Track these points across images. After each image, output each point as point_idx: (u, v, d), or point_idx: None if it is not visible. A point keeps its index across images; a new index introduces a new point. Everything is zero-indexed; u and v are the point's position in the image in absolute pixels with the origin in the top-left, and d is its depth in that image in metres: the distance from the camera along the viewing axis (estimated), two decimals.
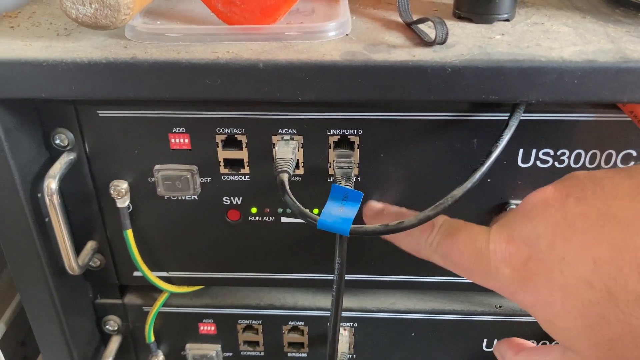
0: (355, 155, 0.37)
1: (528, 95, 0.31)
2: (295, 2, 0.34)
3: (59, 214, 0.36)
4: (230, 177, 0.38)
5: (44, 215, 0.38)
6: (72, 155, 0.37)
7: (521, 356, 0.34)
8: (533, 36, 0.33)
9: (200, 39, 0.33)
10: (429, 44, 0.32)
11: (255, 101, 0.34)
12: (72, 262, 0.38)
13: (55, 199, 0.36)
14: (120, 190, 0.38)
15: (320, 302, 0.45)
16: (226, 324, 0.46)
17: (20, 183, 0.35)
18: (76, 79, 0.31)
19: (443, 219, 0.33)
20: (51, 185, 0.35)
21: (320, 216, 0.32)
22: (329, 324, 0.36)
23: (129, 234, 0.40)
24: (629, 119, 0.34)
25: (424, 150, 0.36)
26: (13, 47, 0.32)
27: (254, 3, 0.33)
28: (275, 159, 0.35)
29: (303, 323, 0.46)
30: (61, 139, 0.37)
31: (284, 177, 0.34)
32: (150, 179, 0.38)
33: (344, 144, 0.37)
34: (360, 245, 0.40)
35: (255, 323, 0.46)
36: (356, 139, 0.36)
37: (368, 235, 0.34)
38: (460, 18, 0.36)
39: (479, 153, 0.36)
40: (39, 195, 0.37)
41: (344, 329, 0.46)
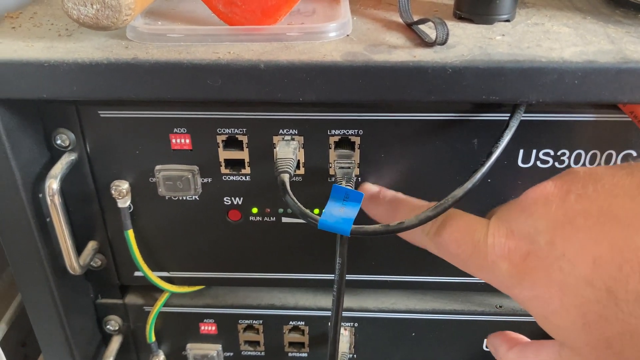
0: (356, 156, 0.37)
1: (528, 96, 0.31)
2: (296, 3, 0.34)
3: (60, 214, 0.36)
4: (231, 178, 0.38)
5: (45, 216, 0.38)
6: (74, 156, 0.37)
7: (514, 351, 0.33)
8: (533, 37, 0.33)
9: (202, 39, 0.33)
10: (430, 44, 0.32)
11: (256, 102, 0.34)
12: (73, 262, 0.38)
13: (57, 199, 0.36)
14: (122, 191, 0.38)
15: (321, 302, 0.45)
16: (227, 324, 0.46)
17: (21, 183, 0.36)
18: (77, 79, 0.31)
19: None
20: (52, 185, 0.35)
21: (321, 216, 0.32)
22: (329, 324, 0.36)
23: (130, 234, 0.40)
24: (629, 119, 0.34)
25: (425, 151, 0.37)
26: (15, 48, 0.32)
27: (255, 4, 0.33)
28: (276, 159, 0.35)
29: (304, 323, 0.46)
30: (62, 139, 0.37)
31: (285, 178, 0.34)
32: (151, 179, 0.38)
33: (344, 144, 0.37)
34: (361, 246, 0.40)
35: (256, 323, 0.46)
36: (357, 140, 0.36)
37: (369, 236, 0.34)
38: (460, 19, 0.36)
39: (480, 153, 0.36)
40: (40, 195, 0.37)
41: (345, 329, 0.46)
